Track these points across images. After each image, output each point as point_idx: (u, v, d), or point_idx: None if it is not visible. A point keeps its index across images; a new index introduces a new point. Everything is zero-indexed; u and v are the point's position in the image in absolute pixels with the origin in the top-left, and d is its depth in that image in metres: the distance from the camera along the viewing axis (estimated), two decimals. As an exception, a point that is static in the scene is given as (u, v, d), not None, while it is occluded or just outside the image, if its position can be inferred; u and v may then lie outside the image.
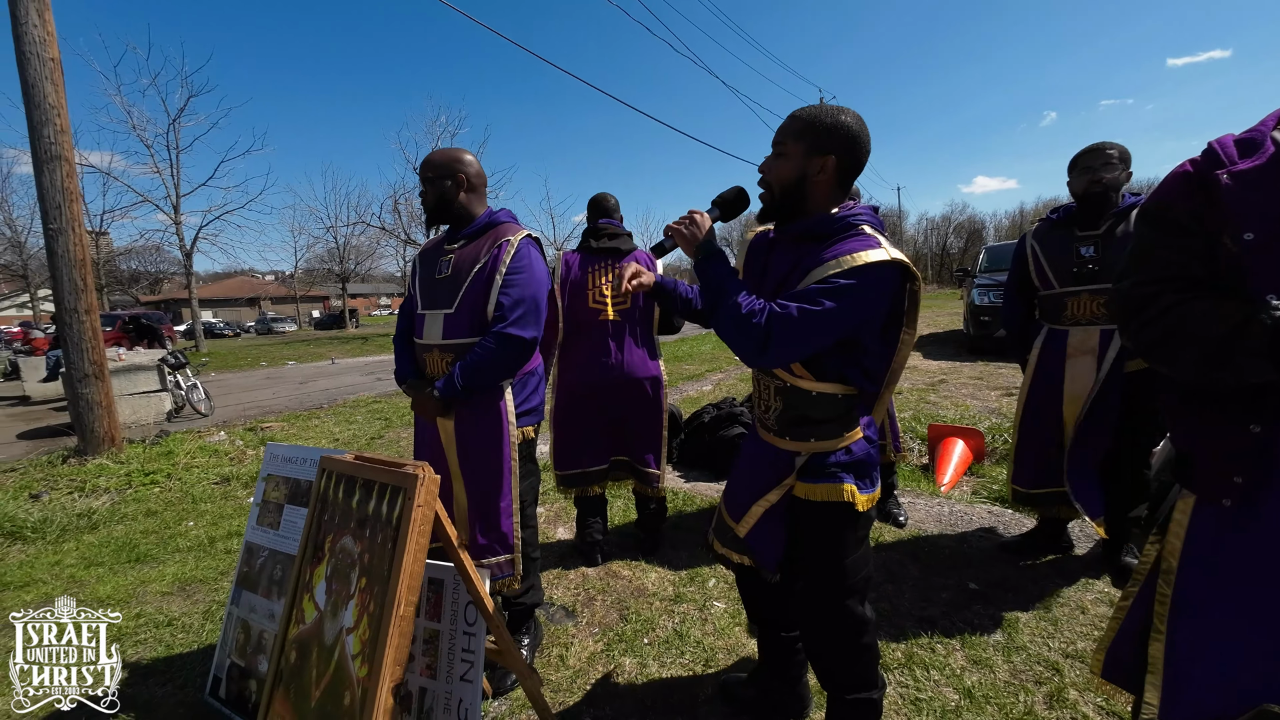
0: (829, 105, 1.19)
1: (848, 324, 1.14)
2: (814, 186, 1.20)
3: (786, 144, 1.20)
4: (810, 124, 1.17)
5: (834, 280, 1.11)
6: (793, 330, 1.10)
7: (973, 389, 5.91)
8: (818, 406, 1.25)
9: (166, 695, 1.87)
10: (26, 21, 4.21)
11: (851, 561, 1.29)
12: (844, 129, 1.16)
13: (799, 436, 1.28)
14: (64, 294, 4.46)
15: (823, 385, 1.24)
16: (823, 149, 1.17)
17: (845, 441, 1.27)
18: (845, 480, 1.25)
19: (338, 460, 1.45)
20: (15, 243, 22.16)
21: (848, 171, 1.20)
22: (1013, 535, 2.61)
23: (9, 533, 3.27)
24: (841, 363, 1.23)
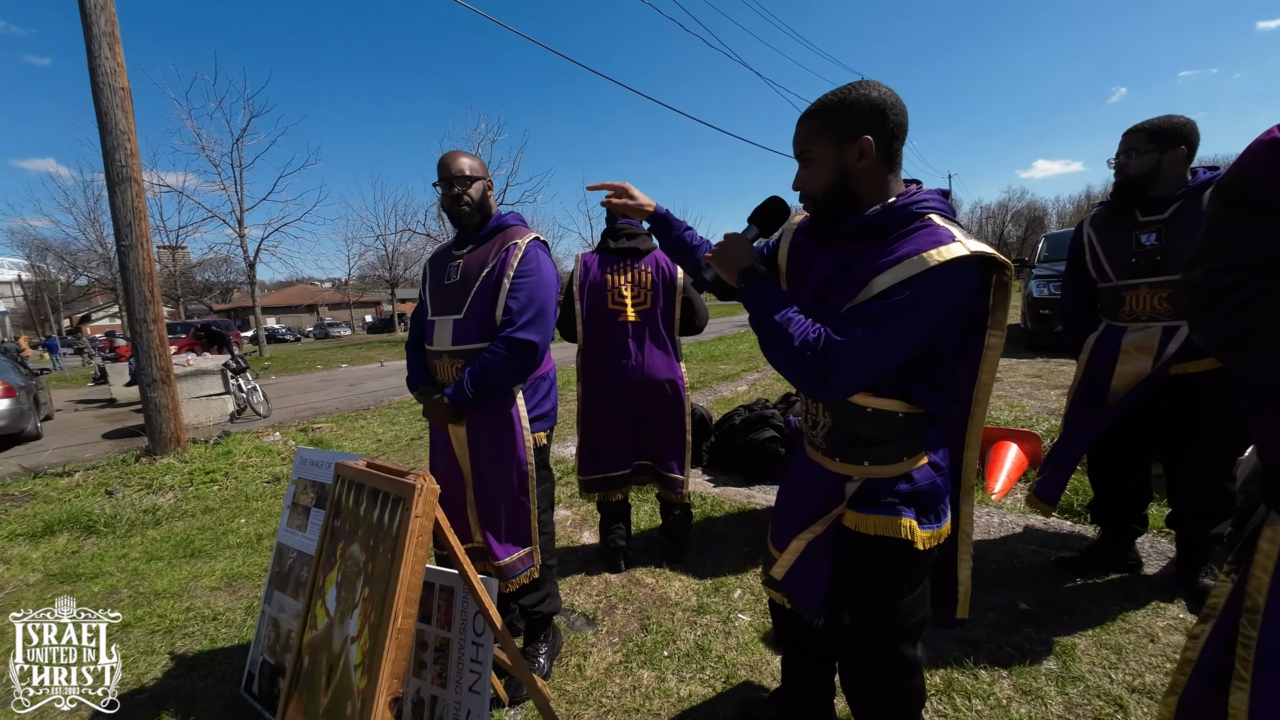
0: (838, 89, 1.03)
1: (921, 339, 0.98)
2: (859, 178, 1.04)
3: (810, 148, 1.06)
4: (828, 117, 1.02)
5: (900, 290, 0.94)
6: (856, 358, 0.96)
7: (1030, 388, 5.51)
8: (874, 425, 1.08)
9: (207, 688, 1.96)
10: (99, 55, 4.56)
11: (907, 603, 1.13)
12: (865, 102, 1.00)
13: (851, 459, 1.12)
14: (134, 305, 4.81)
15: (881, 401, 1.07)
16: (853, 134, 1.01)
17: (906, 467, 1.09)
18: (904, 514, 1.08)
19: (349, 466, 1.46)
20: (106, 259, 24.32)
21: (890, 145, 1.02)
22: (1071, 550, 2.39)
23: (85, 527, 3.54)
24: (905, 375, 1.05)
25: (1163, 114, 1.91)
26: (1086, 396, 2.09)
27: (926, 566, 1.14)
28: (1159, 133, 1.84)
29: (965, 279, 0.96)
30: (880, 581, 1.13)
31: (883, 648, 1.17)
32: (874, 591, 1.14)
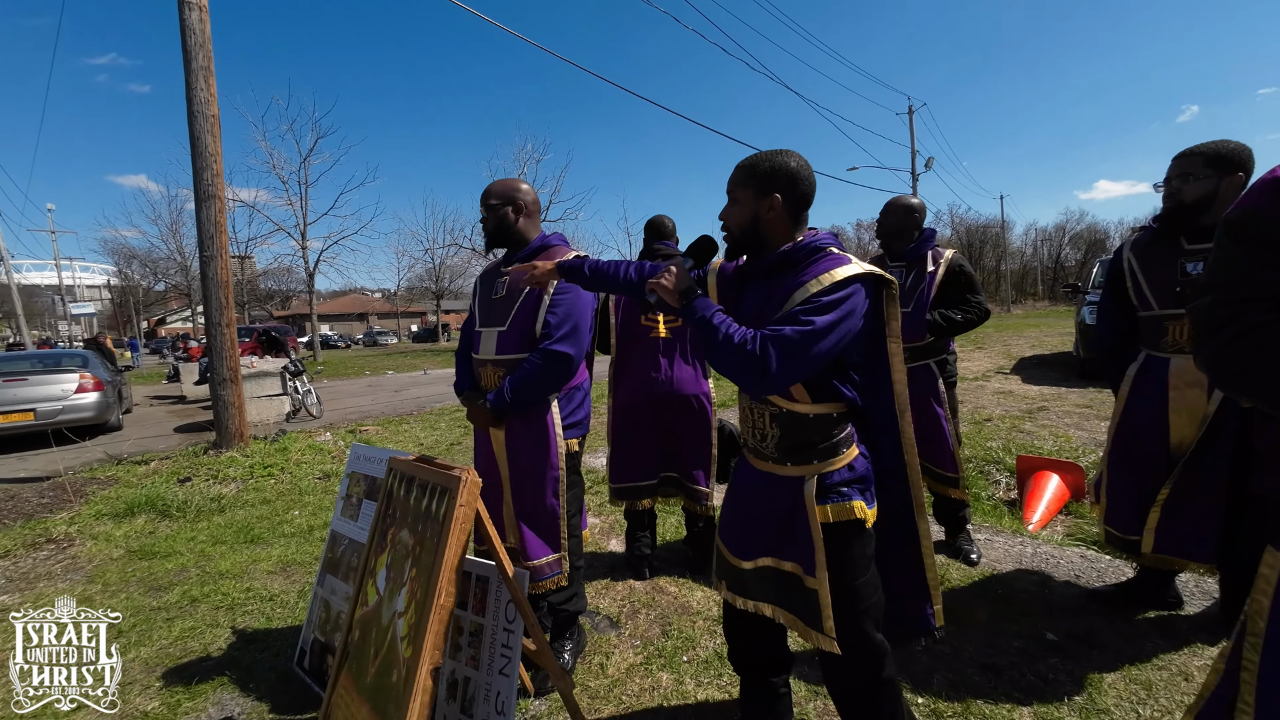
0: (769, 151, 1.29)
1: (839, 339, 1.17)
2: (768, 224, 1.28)
3: (736, 191, 1.30)
4: (752, 171, 1.27)
5: (818, 299, 1.16)
6: (790, 351, 1.13)
7: (1078, 418, 5.29)
8: (816, 428, 1.27)
9: (262, 661, 2.15)
10: (196, 86, 5.10)
11: (863, 583, 1.28)
12: (783, 169, 1.25)
13: (802, 460, 1.29)
14: (211, 310, 5.27)
15: (819, 407, 1.26)
16: (767, 190, 1.26)
17: (847, 459, 1.28)
18: (854, 497, 1.26)
19: (402, 461, 1.62)
20: (183, 266, 26.37)
21: (796, 205, 1.28)
22: (1106, 584, 2.32)
23: (160, 510, 3.89)
24: (836, 381, 1.26)
25: (1236, 135, 1.88)
26: (1136, 433, 2.02)
27: (871, 544, 1.31)
28: (1218, 158, 1.79)
29: (861, 292, 1.20)
30: (840, 562, 1.27)
31: (850, 629, 1.27)
32: (836, 573, 1.27)
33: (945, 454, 2.57)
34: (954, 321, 2.45)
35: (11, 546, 3.40)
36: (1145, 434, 1.99)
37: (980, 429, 5.03)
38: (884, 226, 2.67)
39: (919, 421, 2.62)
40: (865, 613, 1.27)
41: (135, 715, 1.86)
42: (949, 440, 2.55)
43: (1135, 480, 2.02)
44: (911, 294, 2.57)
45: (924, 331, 2.51)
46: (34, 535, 3.55)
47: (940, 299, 2.51)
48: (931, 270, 2.52)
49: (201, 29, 5.10)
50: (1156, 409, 1.96)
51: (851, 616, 1.27)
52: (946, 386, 2.59)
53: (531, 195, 1.96)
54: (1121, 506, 2.06)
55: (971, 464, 4.11)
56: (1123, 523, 2.05)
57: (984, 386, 7.33)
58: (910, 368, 2.60)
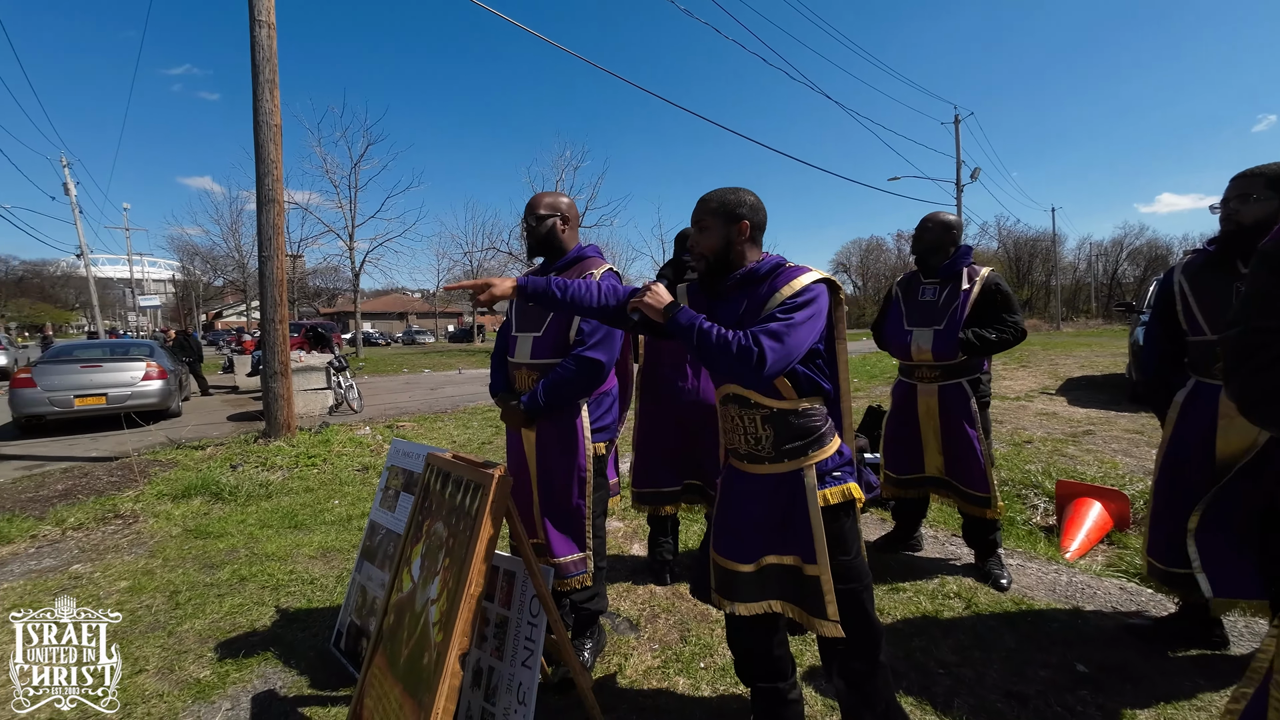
0: (728, 188, 1.47)
1: (813, 331, 1.35)
2: (737, 246, 1.46)
3: (705, 219, 1.47)
4: (720, 203, 1.45)
5: (791, 301, 1.34)
6: (778, 340, 1.29)
7: (1127, 444, 5.05)
8: (805, 421, 1.42)
9: (302, 640, 2.28)
10: (262, 98, 5.46)
11: (857, 561, 1.43)
12: (745, 201, 1.45)
13: (798, 454, 1.42)
14: (267, 306, 5.60)
15: (803, 401, 1.42)
16: (735, 218, 1.44)
17: (835, 446, 1.45)
18: (848, 479, 1.43)
19: (439, 457, 1.72)
20: (240, 264, 27.91)
21: (758, 230, 1.47)
22: (1146, 618, 2.23)
23: (214, 494, 4.16)
24: (810, 374, 1.42)
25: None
26: (1184, 461, 1.95)
27: (858, 521, 1.48)
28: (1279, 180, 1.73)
29: (824, 293, 1.39)
30: (838, 544, 1.41)
31: (851, 605, 1.40)
32: (839, 553, 1.41)
33: (976, 474, 2.52)
34: (988, 340, 2.41)
35: (85, 519, 3.70)
36: (1193, 463, 1.92)
37: (1019, 451, 4.86)
38: (920, 242, 2.65)
39: (950, 441, 2.60)
40: (864, 591, 1.43)
41: (190, 682, 2.01)
42: (980, 460, 2.50)
43: (1181, 511, 1.94)
44: (945, 311, 2.53)
45: (956, 350, 2.48)
46: (103, 510, 3.85)
47: (975, 317, 2.47)
48: (966, 288, 2.49)
49: (269, 45, 5.46)
50: (1204, 437, 1.88)
51: (851, 595, 1.40)
52: (980, 406, 2.54)
53: (573, 207, 2.05)
54: (1165, 538, 1.99)
55: (1008, 487, 3.98)
56: (1165, 554, 1.98)
57: (1026, 407, 7.06)
58: (943, 386, 2.58)
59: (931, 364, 2.59)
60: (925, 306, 2.60)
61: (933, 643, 2.11)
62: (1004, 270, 57.23)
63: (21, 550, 3.29)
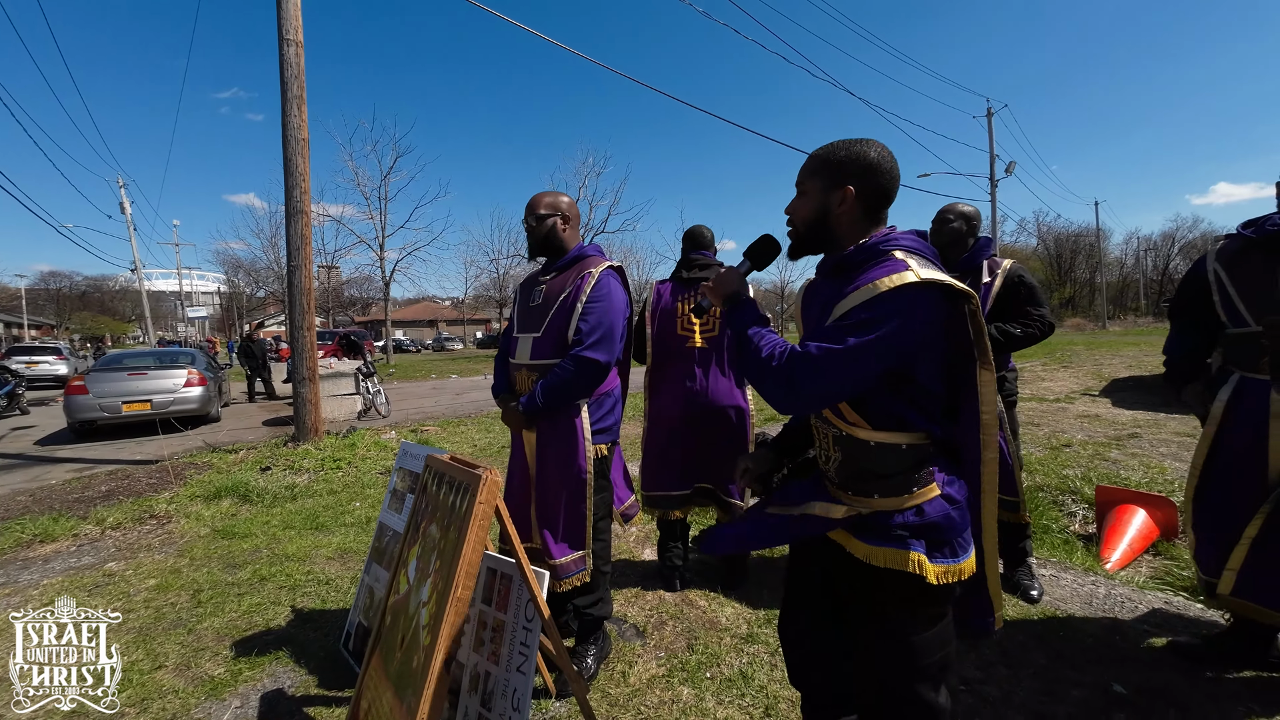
0: (846, 139, 1.16)
1: (881, 359, 1.03)
2: (838, 219, 1.16)
3: (805, 182, 1.20)
4: (825, 160, 1.16)
5: (856, 313, 1.04)
6: (816, 370, 1.03)
7: (1176, 448, 4.74)
8: (879, 458, 1.11)
9: (313, 640, 2.31)
10: (290, 113, 5.66)
11: (921, 640, 1.10)
12: (859, 158, 1.13)
13: (861, 492, 1.15)
14: (295, 314, 5.79)
15: (881, 435, 1.10)
16: (839, 181, 1.14)
17: (915, 500, 1.09)
18: (913, 548, 1.08)
19: (437, 459, 1.71)
20: (280, 275, 29.07)
21: (872, 199, 1.14)
22: (1193, 636, 2.05)
23: (243, 495, 4.29)
24: (897, 406, 1.10)
25: None
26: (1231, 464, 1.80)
27: (942, 604, 1.11)
28: None
29: (918, 304, 1.02)
30: (891, 615, 1.12)
31: (898, 689, 1.13)
32: (885, 625, 1.13)
33: (1007, 476, 2.40)
34: (1012, 336, 2.30)
35: (122, 519, 3.86)
36: (1242, 465, 1.77)
37: (1057, 455, 4.61)
38: (939, 235, 2.54)
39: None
40: (921, 672, 1.12)
41: (204, 679, 2.06)
42: (1008, 460, 2.38)
43: (1228, 518, 1.79)
44: None
45: None
46: (140, 511, 4.02)
47: (998, 312, 2.36)
48: (987, 281, 2.38)
49: (297, 62, 5.66)
50: (1254, 437, 1.73)
51: (903, 675, 1.13)
52: (1006, 406, 2.42)
53: (574, 206, 2.03)
54: (1209, 545, 1.84)
55: (1044, 493, 3.77)
56: (1208, 563, 1.82)
57: (1066, 409, 6.72)
58: None
59: None
60: None
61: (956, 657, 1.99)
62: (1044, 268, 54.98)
63: (64, 548, 3.45)
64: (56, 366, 16.69)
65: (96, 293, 60.80)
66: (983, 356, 1.09)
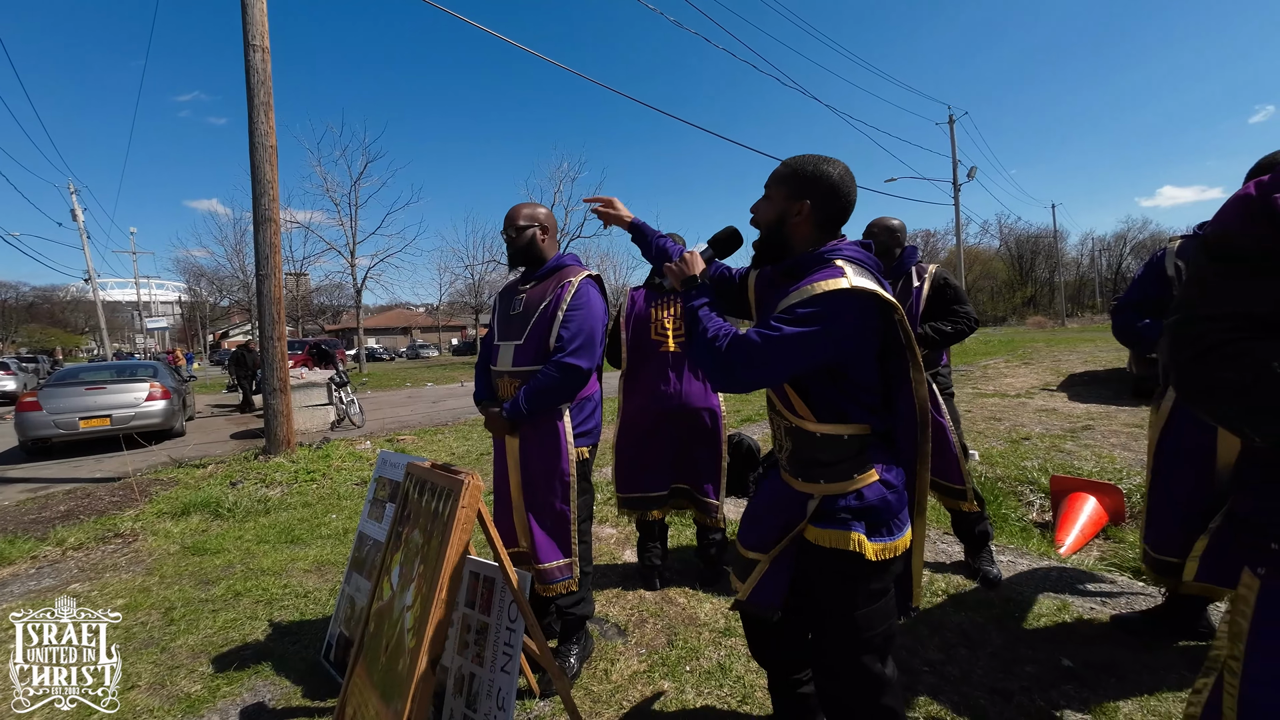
0: (817, 156, 1.26)
1: (812, 352, 1.14)
2: (793, 228, 1.27)
3: (772, 188, 1.30)
4: (795, 171, 1.26)
5: (794, 309, 1.15)
6: (751, 354, 1.14)
7: (1126, 438, 5.02)
8: (824, 448, 1.23)
9: (294, 653, 2.30)
10: (257, 120, 5.56)
11: (864, 615, 1.22)
12: (823, 177, 1.23)
13: (810, 478, 1.26)
14: (265, 324, 5.67)
15: (825, 426, 1.22)
16: (800, 194, 1.24)
17: (856, 485, 1.21)
18: (853, 528, 1.19)
19: (417, 466, 1.74)
20: (245, 284, 28.23)
21: (826, 216, 1.25)
22: (1134, 611, 2.21)
23: (213, 510, 4.19)
24: (837, 400, 1.22)
25: None
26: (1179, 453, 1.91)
27: (883, 579, 1.23)
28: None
29: (850, 308, 1.14)
30: (837, 591, 1.23)
31: (846, 660, 1.24)
32: (833, 601, 1.24)
33: (952, 465, 2.57)
34: (944, 333, 2.51)
35: (85, 539, 3.74)
36: (1189, 454, 1.88)
37: (1017, 448, 4.84)
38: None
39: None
40: (866, 644, 1.22)
41: (180, 697, 2.03)
42: (954, 451, 2.55)
43: (1177, 501, 1.91)
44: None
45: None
46: (104, 530, 3.89)
47: (928, 313, 2.57)
48: (917, 285, 2.58)
49: (263, 68, 5.57)
50: (1203, 428, 1.85)
51: (848, 647, 1.23)
52: (945, 398, 2.60)
53: (551, 216, 2.09)
54: (1161, 526, 1.97)
55: (1004, 484, 3.97)
56: (1160, 543, 1.96)
57: (1025, 404, 7.03)
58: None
59: None
60: None
61: (919, 641, 2.10)
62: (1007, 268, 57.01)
63: (22, 571, 3.33)
64: (4, 382, 15.89)
65: (45, 304, 57.96)
66: (913, 359, 1.21)
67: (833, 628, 1.25)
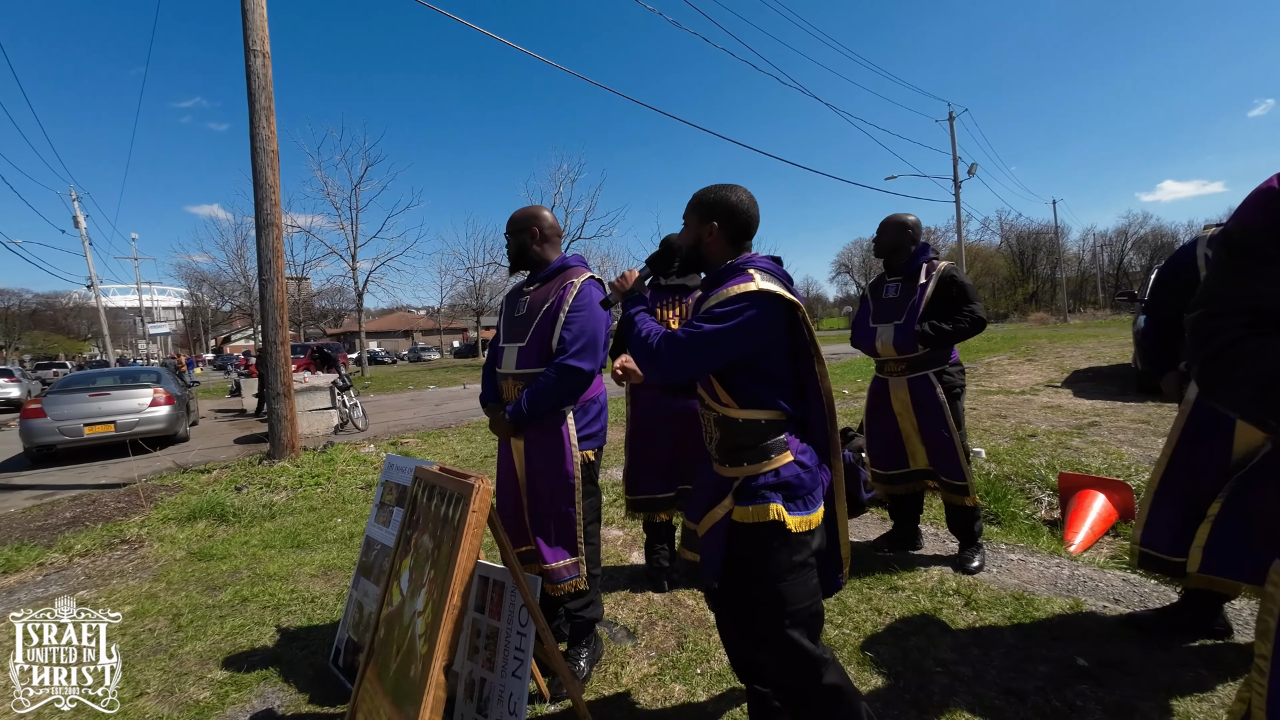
0: (718, 185, 1.45)
1: (730, 345, 1.31)
2: (708, 247, 1.46)
3: (687, 216, 1.50)
4: (700, 200, 1.46)
5: (712, 309, 1.33)
6: (677, 348, 1.32)
7: (1133, 434, 4.99)
8: (745, 432, 1.38)
9: (302, 658, 2.29)
10: (258, 125, 5.57)
11: (788, 586, 1.32)
12: (723, 201, 1.42)
13: (734, 462, 1.40)
14: (268, 328, 5.67)
15: (745, 412, 1.37)
16: (708, 218, 1.44)
17: (774, 464, 1.35)
18: (773, 500, 1.33)
19: (426, 470, 1.73)
20: (246, 288, 28.29)
21: (733, 232, 1.43)
22: (1148, 609, 2.19)
23: (219, 516, 4.19)
24: (753, 388, 1.38)
25: None
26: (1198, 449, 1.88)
27: (803, 551, 1.34)
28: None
29: (760, 306, 1.30)
30: (761, 563, 1.34)
31: (774, 633, 1.33)
32: (757, 573, 1.35)
33: (952, 463, 2.60)
34: (943, 331, 2.50)
35: (91, 546, 3.74)
36: (1207, 447, 1.85)
37: (1023, 445, 4.81)
38: (879, 245, 2.78)
39: (927, 432, 2.67)
40: (789, 616, 1.32)
41: (189, 704, 2.02)
42: (955, 448, 2.57)
43: (1190, 500, 1.88)
44: (903, 307, 2.64)
45: (915, 343, 2.57)
46: (110, 536, 3.89)
47: (934, 310, 2.56)
48: (924, 283, 2.58)
49: (264, 73, 5.58)
50: (1223, 424, 1.82)
51: (773, 620, 1.33)
52: (950, 398, 2.61)
53: (550, 221, 2.08)
54: (1166, 526, 1.94)
55: (1011, 481, 3.94)
56: (1165, 544, 1.93)
57: (1031, 401, 7.00)
58: (911, 379, 2.68)
59: (897, 358, 2.70)
60: (888, 304, 2.72)
61: (931, 641, 2.09)
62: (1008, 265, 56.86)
63: (29, 578, 3.33)
64: (8, 389, 15.93)
65: (48, 310, 58.15)
66: (816, 354, 1.37)
67: (760, 597, 1.35)
